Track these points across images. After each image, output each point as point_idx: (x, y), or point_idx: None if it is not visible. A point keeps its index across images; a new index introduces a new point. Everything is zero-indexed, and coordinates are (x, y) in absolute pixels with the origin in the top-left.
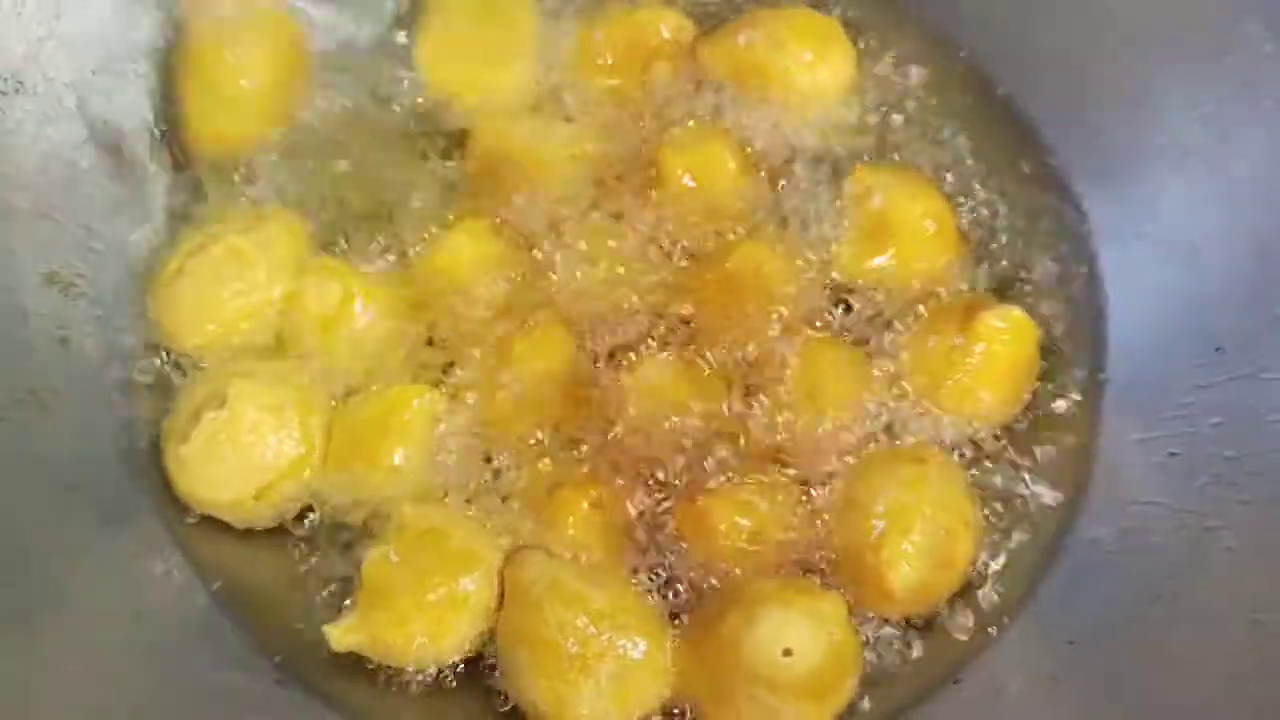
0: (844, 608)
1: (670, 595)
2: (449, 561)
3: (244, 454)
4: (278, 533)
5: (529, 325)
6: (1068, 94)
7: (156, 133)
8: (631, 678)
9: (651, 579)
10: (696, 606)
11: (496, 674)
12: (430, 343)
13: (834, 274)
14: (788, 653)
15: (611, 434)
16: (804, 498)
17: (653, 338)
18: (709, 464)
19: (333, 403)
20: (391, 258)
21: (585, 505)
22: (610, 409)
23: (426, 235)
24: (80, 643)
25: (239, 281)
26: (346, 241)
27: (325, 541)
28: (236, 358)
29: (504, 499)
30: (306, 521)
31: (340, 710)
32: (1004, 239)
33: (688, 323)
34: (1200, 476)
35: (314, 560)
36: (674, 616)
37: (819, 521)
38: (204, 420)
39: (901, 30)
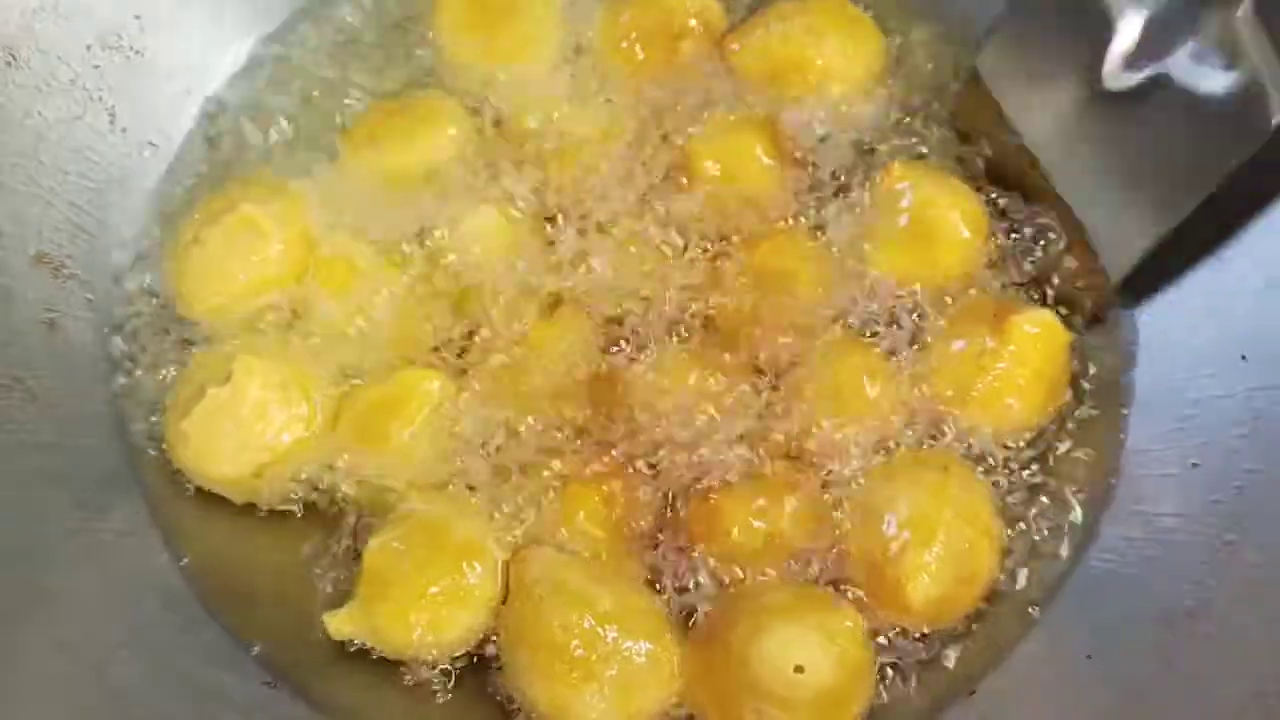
0: (859, 623)
1: (680, 598)
2: (453, 553)
3: (245, 430)
4: (277, 517)
5: (549, 313)
6: None
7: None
8: (635, 683)
9: (662, 580)
10: (707, 611)
11: (497, 671)
12: (446, 327)
13: (864, 271)
14: (799, 669)
15: (628, 428)
16: (824, 502)
17: (676, 331)
18: (726, 463)
19: (340, 383)
20: (411, 237)
21: (597, 501)
22: (628, 403)
23: (449, 216)
24: (66, 638)
25: (252, 253)
26: (365, 218)
27: (326, 527)
28: (244, 331)
29: (513, 491)
30: (307, 505)
31: (331, 709)
32: (1029, 242)
33: (711, 317)
34: (1222, 489)
35: (313, 546)
36: (684, 620)
37: (838, 527)
38: (207, 395)
39: (927, 27)
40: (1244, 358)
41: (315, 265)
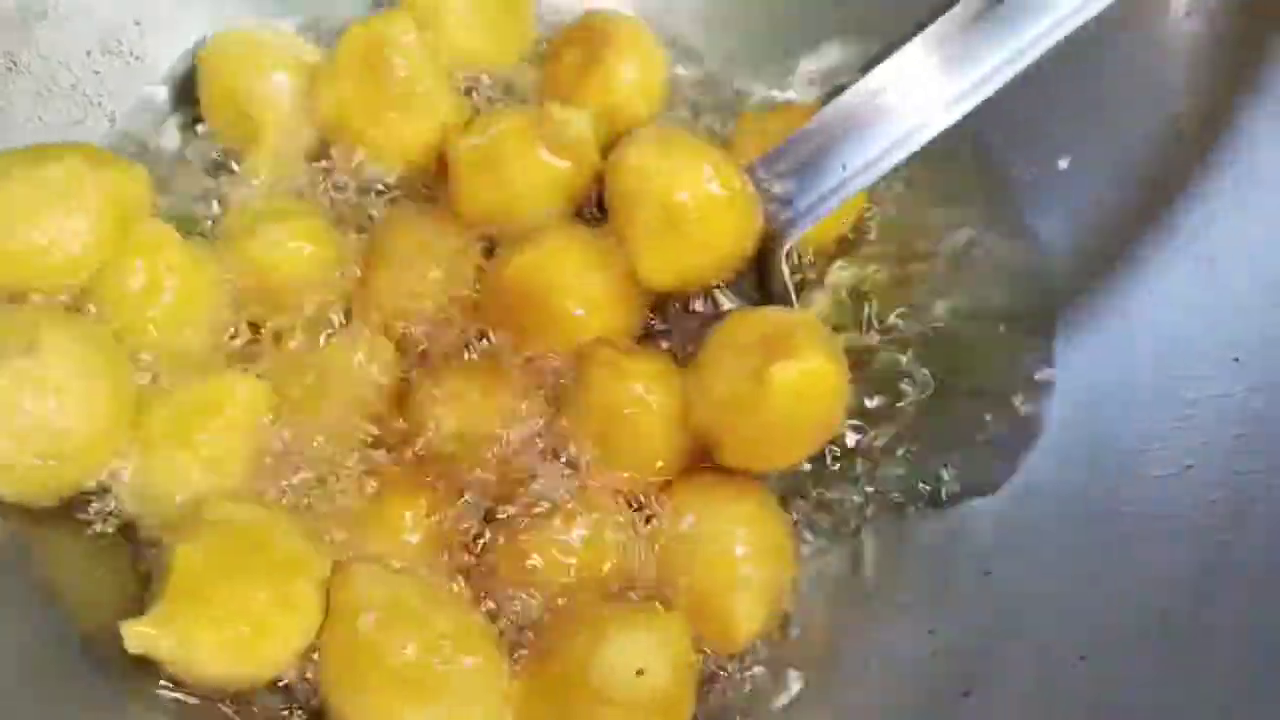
0: (686, 625)
1: (504, 614)
2: (273, 565)
3: (42, 411)
4: (67, 519)
5: (347, 324)
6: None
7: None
8: (473, 703)
9: (484, 599)
10: (532, 629)
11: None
12: (249, 329)
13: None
14: (640, 672)
15: (430, 444)
16: (633, 525)
17: (464, 347)
18: (527, 485)
19: (140, 377)
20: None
21: (417, 513)
22: (427, 419)
23: (254, 218)
24: None
25: (64, 212)
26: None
27: (122, 532)
28: (37, 302)
29: (324, 505)
30: (101, 508)
31: None
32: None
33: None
34: (1218, 490)
35: (110, 552)
36: (510, 635)
37: (650, 550)
38: (9, 365)
39: None
40: (1236, 359)
41: (128, 246)
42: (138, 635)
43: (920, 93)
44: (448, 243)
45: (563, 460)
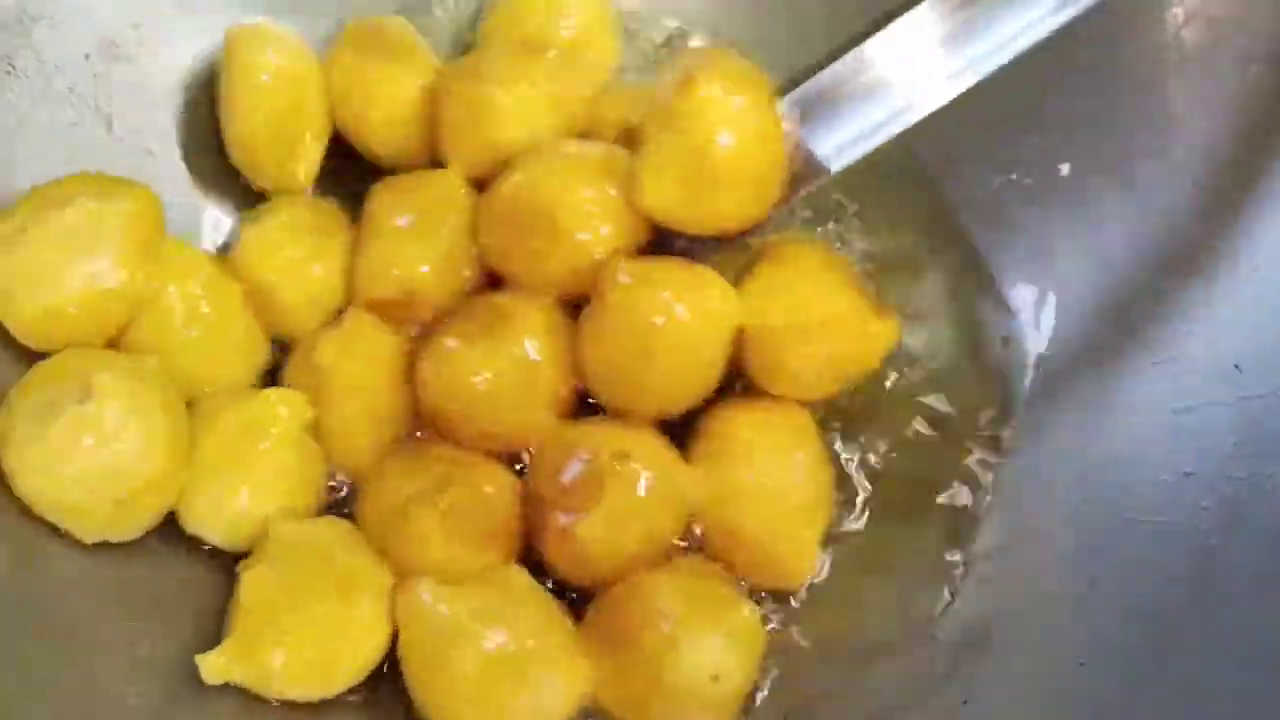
0: (757, 613)
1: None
2: (337, 584)
3: (106, 456)
4: (132, 551)
5: (337, 322)
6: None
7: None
8: (553, 689)
9: (543, 580)
10: (596, 604)
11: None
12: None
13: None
14: (715, 678)
15: (438, 417)
16: (675, 482)
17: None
18: (560, 449)
19: (186, 405)
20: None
21: (444, 516)
22: (431, 387)
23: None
24: None
25: (89, 254)
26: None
27: (187, 559)
28: (73, 343)
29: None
30: (168, 537)
31: None
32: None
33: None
34: (1213, 496)
35: (177, 582)
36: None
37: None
38: (66, 414)
39: None
40: (1237, 367)
41: (159, 273)
42: (211, 668)
43: (918, 65)
44: (438, 199)
45: (589, 403)
